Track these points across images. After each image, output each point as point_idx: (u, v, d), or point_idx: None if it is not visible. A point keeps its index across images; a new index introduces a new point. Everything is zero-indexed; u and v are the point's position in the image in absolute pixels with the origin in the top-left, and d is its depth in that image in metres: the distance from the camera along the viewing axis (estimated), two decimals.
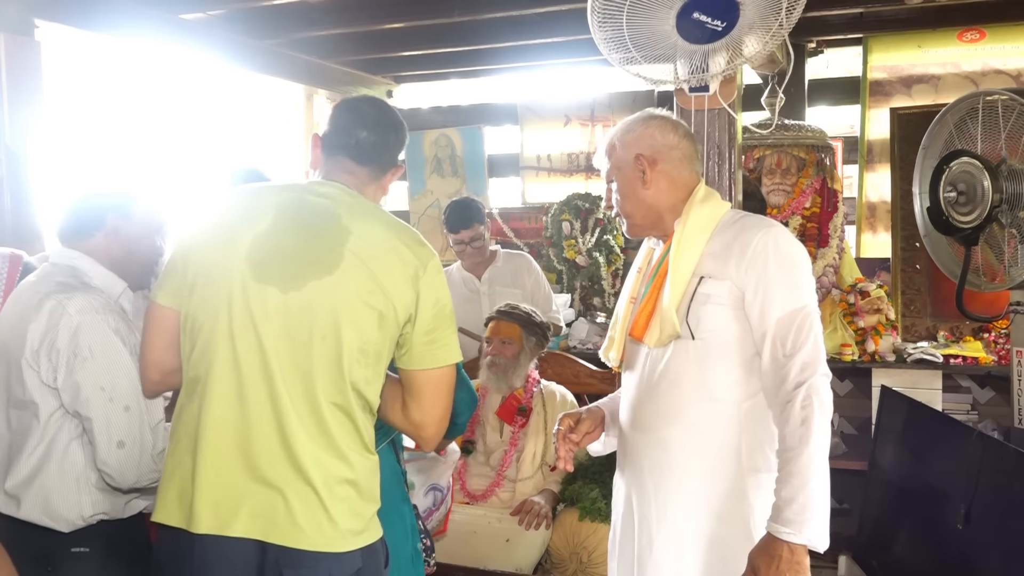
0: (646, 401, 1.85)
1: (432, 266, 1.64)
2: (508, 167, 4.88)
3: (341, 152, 1.73)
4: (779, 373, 1.69)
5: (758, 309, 1.72)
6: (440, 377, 1.66)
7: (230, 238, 1.61)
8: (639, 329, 1.87)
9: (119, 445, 1.81)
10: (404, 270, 1.60)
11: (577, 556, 2.88)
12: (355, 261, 1.57)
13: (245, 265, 1.57)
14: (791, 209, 3.79)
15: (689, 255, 1.80)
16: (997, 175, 2.44)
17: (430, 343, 1.63)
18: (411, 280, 1.60)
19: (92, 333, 1.82)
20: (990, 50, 3.86)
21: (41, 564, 1.86)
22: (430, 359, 1.64)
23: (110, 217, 1.99)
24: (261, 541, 1.54)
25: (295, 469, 1.55)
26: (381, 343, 1.60)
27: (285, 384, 1.55)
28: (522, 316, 3.21)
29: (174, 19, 3.52)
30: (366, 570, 1.60)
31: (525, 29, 3.90)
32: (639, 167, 1.85)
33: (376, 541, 1.64)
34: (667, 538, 1.80)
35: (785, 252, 1.74)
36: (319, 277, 1.56)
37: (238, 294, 1.57)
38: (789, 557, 1.59)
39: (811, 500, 1.60)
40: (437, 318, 1.63)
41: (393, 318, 1.59)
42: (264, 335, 1.55)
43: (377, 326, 1.58)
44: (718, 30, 2.20)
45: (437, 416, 1.67)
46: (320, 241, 1.59)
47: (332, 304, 1.56)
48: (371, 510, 1.64)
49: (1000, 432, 3.04)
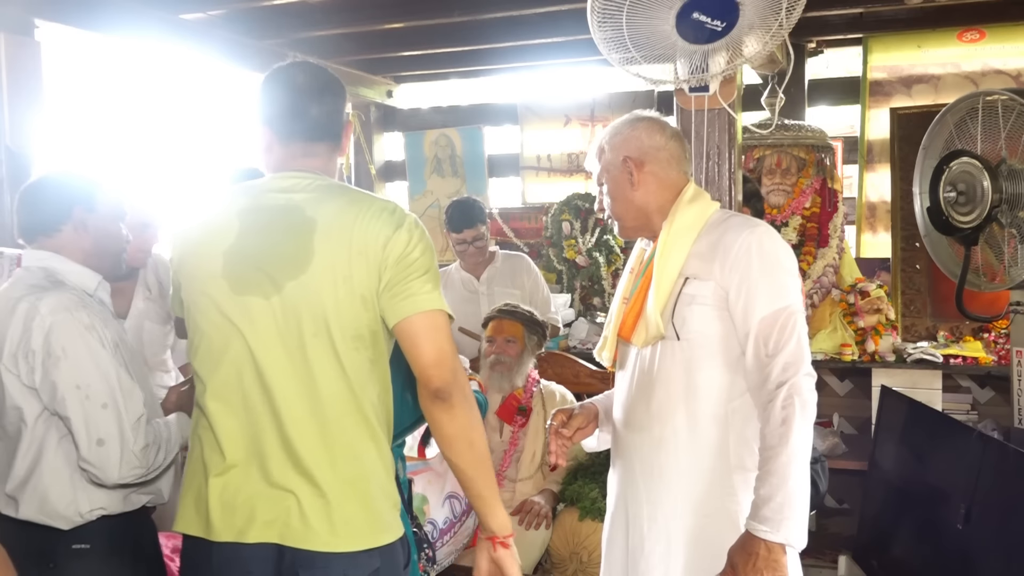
0: (636, 401, 1.86)
1: (406, 226, 1.58)
2: (508, 167, 4.88)
3: (297, 138, 1.66)
4: (762, 372, 1.70)
5: (741, 309, 1.72)
6: (416, 327, 1.56)
7: (203, 261, 1.62)
8: (627, 330, 1.89)
9: (99, 443, 1.81)
10: (375, 242, 1.56)
11: (577, 556, 2.88)
12: (326, 250, 1.56)
13: (224, 283, 1.59)
14: (791, 209, 3.79)
15: (675, 256, 1.80)
16: (997, 175, 2.44)
17: (392, 296, 1.57)
18: (381, 249, 1.56)
19: (64, 333, 1.82)
20: (990, 50, 3.86)
21: (43, 562, 1.86)
22: (398, 311, 1.57)
23: (76, 210, 1.97)
24: (278, 544, 1.54)
25: (302, 473, 1.55)
26: (373, 321, 1.58)
27: (283, 389, 1.55)
28: (524, 315, 3.22)
29: (174, 19, 3.52)
30: (384, 569, 1.58)
31: (525, 29, 3.90)
32: (627, 169, 1.86)
33: (395, 541, 1.61)
34: (657, 536, 1.81)
35: (768, 252, 1.74)
36: (295, 276, 1.55)
37: (224, 310, 1.58)
38: (766, 555, 1.59)
39: (789, 499, 1.60)
40: (402, 272, 1.57)
41: (373, 292, 1.57)
42: (256, 347, 1.56)
43: (363, 307, 1.57)
44: (718, 30, 2.20)
45: (428, 362, 1.57)
46: (288, 240, 1.57)
47: (314, 299, 1.55)
48: (387, 508, 1.61)
49: (1000, 432, 3.04)
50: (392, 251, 1.56)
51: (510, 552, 1.63)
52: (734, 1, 2.16)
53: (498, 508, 1.63)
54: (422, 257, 1.59)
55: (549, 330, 3.39)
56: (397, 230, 1.57)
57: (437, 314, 1.58)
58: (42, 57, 3.02)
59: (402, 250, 1.57)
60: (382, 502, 1.61)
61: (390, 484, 1.64)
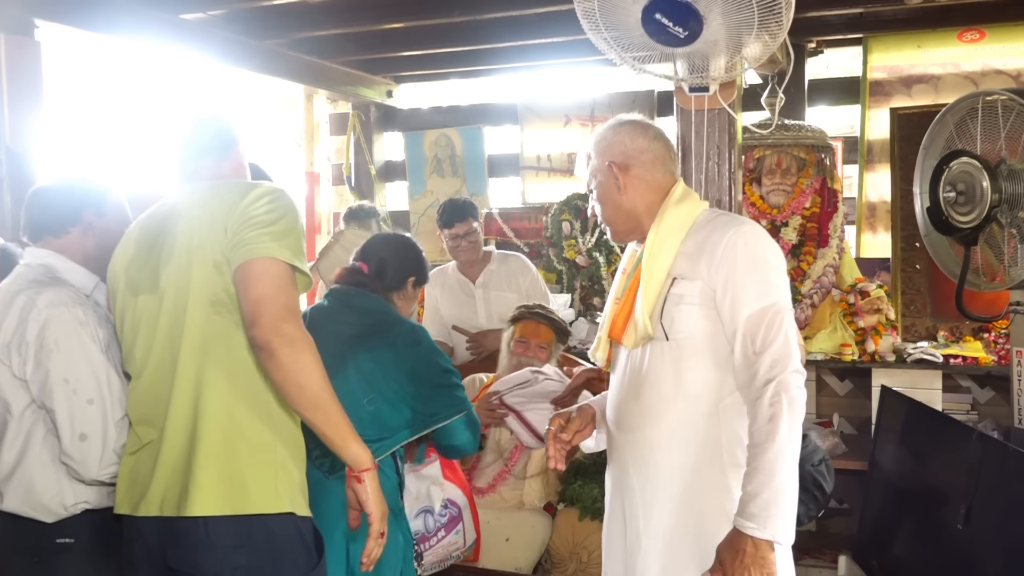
0: (628, 401, 1.87)
1: (258, 190, 1.69)
2: (508, 167, 4.88)
3: (180, 175, 1.86)
4: (750, 370, 1.70)
5: (728, 307, 1.73)
6: (244, 274, 1.62)
7: (115, 281, 1.83)
8: (617, 331, 1.89)
9: (81, 438, 1.82)
10: (225, 209, 1.67)
11: (577, 556, 2.88)
12: (185, 234, 1.69)
13: (128, 292, 1.78)
14: (791, 209, 3.79)
15: (663, 256, 1.81)
16: (996, 175, 2.44)
17: (232, 248, 1.64)
18: (228, 212, 1.66)
19: (59, 326, 1.84)
20: (990, 50, 3.86)
21: (28, 556, 1.88)
22: (233, 262, 1.64)
23: (87, 213, 2.01)
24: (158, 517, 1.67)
25: (189, 443, 1.66)
26: (230, 285, 1.65)
27: (182, 367, 1.67)
28: (557, 323, 3.25)
29: (174, 19, 3.52)
30: (257, 544, 1.63)
31: (525, 29, 3.90)
32: (613, 174, 1.87)
33: (267, 514, 1.64)
34: (653, 534, 1.82)
35: (754, 250, 1.75)
36: (166, 264, 1.71)
37: (132, 315, 1.76)
38: (753, 552, 1.59)
39: (776, 496, 1.60)
40: (243, 225, 1.64)
41: (224, 255, 1.65)
42: (157, 340, 1.71)
43: (216, 272, 1.66)
44: (680, 37, 2.16)
45: (246, 310, 1.61)
46: (162, 237, 1.74)
47: (181, 278, 1.68)
48: (259, 477, 1.65)
49: (1000, 432, 3.04)
50: (237, 210, 1.65)
51: (363, 486, 1.66)
52: (696, 12, 2.12)
53: (348, 444, 1.65)
54: (269, 213, 1.65)
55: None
56: (247, 194, 1.68)
57: (269, 261, 1.61)
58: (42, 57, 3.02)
59: (246, 207, 1.65)
60: (253, 470, 1.65)
61: (272, 452, 1.67)
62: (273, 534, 1.65)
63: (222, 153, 1.86)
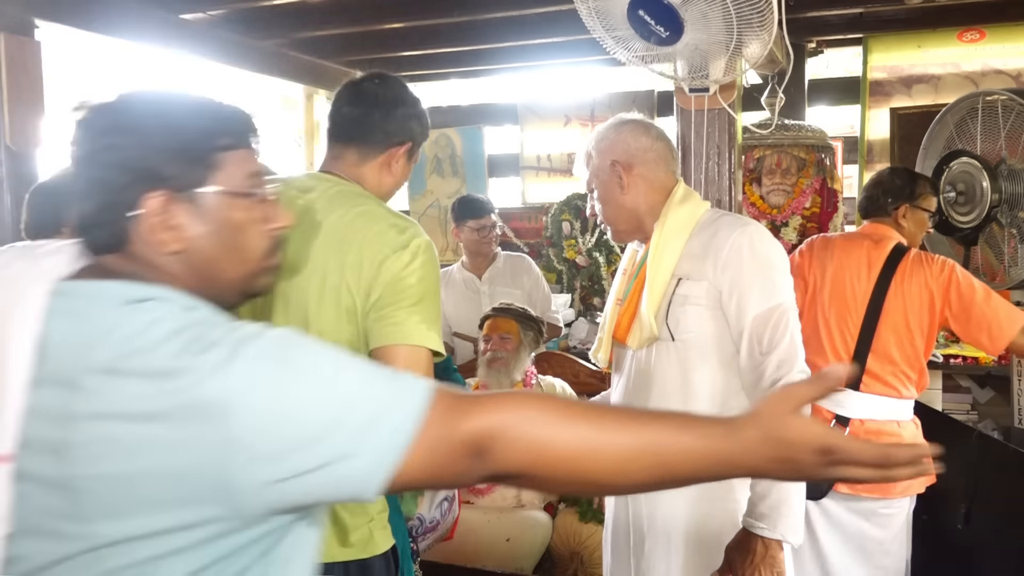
0: (632, 402, 1.87)
1: (410, 248, 1.53)
2: (508, 167, 4.89)
3: (331, 136, 1.67)
4: (756, 371, 1.70)
5: (734, 308, 1.73)
6: (391, 358, 1.50)
7: None
8: (622, 331, 1.89)
9: None
10: (373, 258, 1.52)
11: (577, 556, 2.88)
12: (320, 258, 1.54)
13: None
14: (791, 209, 3.79)
15: (668, 257, 1.80)
16: (996, 175, 2.44)
17: (377, 320, 1.51)
18: (377, 267, 1.51)
19: None
20: (990, 50, 3.86)
21: None
22: (378, 336, 1.51)
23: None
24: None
25: None
26: (355, 338, 1.54)
27: None
28: (518, 311, 3.23)
29: (174, 19, 3.52)
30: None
31: (525, 29, 3.90)
32: (615, 173, 1.86)
33: (369, 557, 1.58)
34: (657, 535, 1.82)
35: (760, 251, 1.75)
36: (287, 278, 1.53)
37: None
38: (763, 552, 1.60)
39: (785, 496, 1.60)
40: (393, 295, 1.51)
41: (359, 309, 1.52)
42: None
43: (346, 321, 1.53)
44: (662, 36, 2.15)
45: None
46: (290, 242, 1.53)
47: (298, 305, 1.54)
48: (357, 523, 1.58)
49: (1000, 432, 3.04)
50: (387, 271, 1.51)
51: None
52: (676, 14, 2.11)
53: None
54: (419, 284, 1.52)
55: (547, 328, 3.39)
56: (398, 251, 1.52)
57: (417, 350, 1.50)
58: (42, 57, 3.02)
59: (398, 272, 1.51)
60: (349, 517, 1.57)
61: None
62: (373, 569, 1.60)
63: (368, 147, 1.68)
